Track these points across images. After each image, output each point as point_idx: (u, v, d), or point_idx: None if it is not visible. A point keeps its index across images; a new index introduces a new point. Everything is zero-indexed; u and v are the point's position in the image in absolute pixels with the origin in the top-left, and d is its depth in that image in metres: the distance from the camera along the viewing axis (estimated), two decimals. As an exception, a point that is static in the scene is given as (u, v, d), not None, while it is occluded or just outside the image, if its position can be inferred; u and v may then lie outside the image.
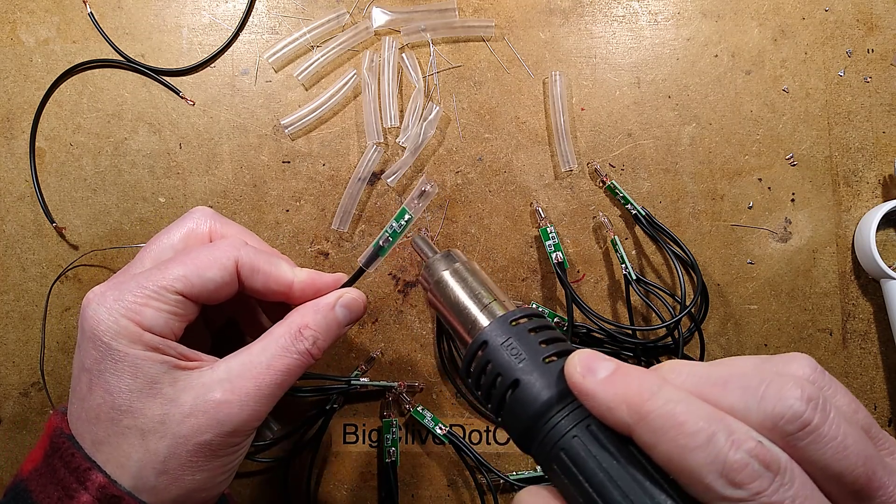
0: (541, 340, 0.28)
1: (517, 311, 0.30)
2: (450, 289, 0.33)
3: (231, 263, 0.35)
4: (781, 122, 0.55)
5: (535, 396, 0.26)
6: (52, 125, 0.55)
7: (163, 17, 0.55)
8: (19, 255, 0.55)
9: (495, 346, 0.28)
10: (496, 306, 0.31)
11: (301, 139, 0.55)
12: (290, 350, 0.35)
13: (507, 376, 0.27)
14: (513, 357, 0.27)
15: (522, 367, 0.27)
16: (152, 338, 0.33)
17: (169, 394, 0.32)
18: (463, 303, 0.32)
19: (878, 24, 0.55)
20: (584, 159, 0.55)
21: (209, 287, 0.35)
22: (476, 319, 0.31)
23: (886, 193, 0.55)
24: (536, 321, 0.29)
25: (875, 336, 0.55)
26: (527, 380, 0.27)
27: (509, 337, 0.28)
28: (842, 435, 0.22)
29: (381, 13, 0.54)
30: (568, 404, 0.26)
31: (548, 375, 0.27)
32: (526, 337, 0.28)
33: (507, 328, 0.29)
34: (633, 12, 0.55)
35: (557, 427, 0.26)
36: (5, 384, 0.55)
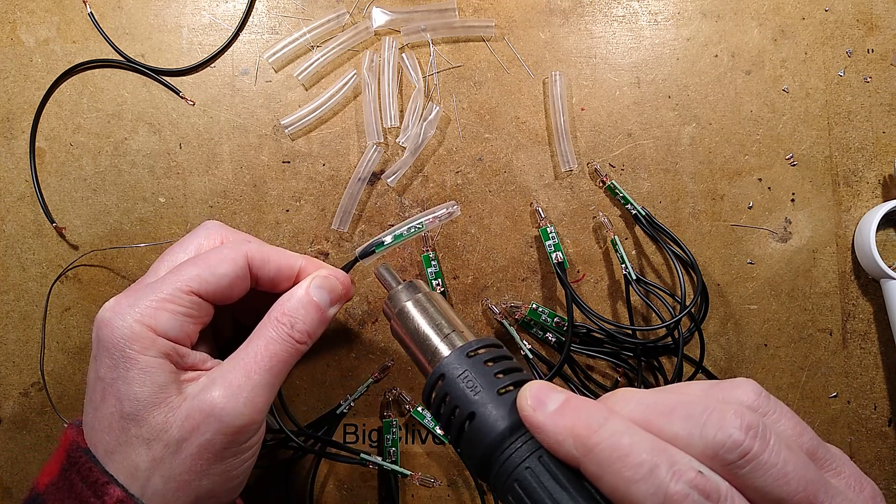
0: (497, 371, 0.28)
1: (474, 343, 0.30)
2: (411, 319, 0.33)
3: (241, 258, 0.36)
4: (781, 122, 0.55)
5: (490, 428, 0.27)
6: (52, 125, 0.55)
7: (163, 17, 0.55)
8: (19, 255, 0.55)
9: (452, 379, 0.29)
10: (455, 337, 0.32)
11: (301, 139, 0.55)
12: (272, 337, 0.35)
13: (464, 408, 0.28)
14: (468, 389, 0.28)
15: (478, 400, 0.27)
16: (165, 343, 0.33)
17: (173, 401, 0.33)
18: (424, 333, 0.32)
19: (878, 24, 0.55)
20: (584, 159, 0.55)
21: (223, 283, 0.35)
22: (436, 350, 0.31)
23: (886, 193, 0.55)
24: (494, 352, 0.30)
25: (875, 336, 0.55)
26: (482, 412, 0.27)
27: (466, 369, 0.29)
28: (782, 462, 0.23)
29: (381, 13, 0.54)
30: (521, 435, 0.26)
31: (502, 407, 0.27)
32: (482, 368, 0.29)
33: (463, 360, 0.29)
34: (633, 12, 0.55)
35: (511, 458, 0.26)
36: (5, 384, 0.55)
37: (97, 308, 0.54)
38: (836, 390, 0.55)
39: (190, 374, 0.34)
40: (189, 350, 0.35)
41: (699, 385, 0.26)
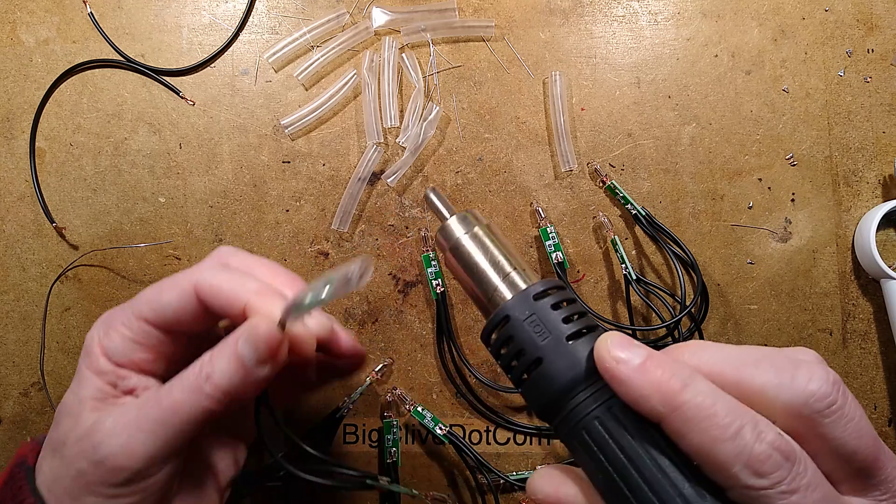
0: (564, 317, 0.28)
1: (540, 284, 0.29)
2: (469, 255, 0.31)
3: (188, 285, 0.32)
4: (781, 122, 0.55)
5: (559, 376, 0.26)
6: (52, 125, 0.55)
7: (163, 17, 0.55)
8: (19, 255, 0.55)
9: (518, 322, 0.28)
10: (517, 276, 0.30)
11: (301, 139, 0.55)
12: (184, 386, 0.30)
13: (531, 353, 0.27)
14: (536, 334, 0.27)
15: (545, 345, 0.27)
16: (104, 363, 0.32)
17: (83, 416, 0.31)
18: (483, 271, 0.30)
19: (878, 24, 0.55)
20: (584, 159, 0.55)
21: (167, 311, 0.32)
22: (497, 290, 0.30)
23: (886, 193, 0.55)
24: (560, 295, 0.29)
25: (875, 336, 0.55)
26: (550, 359, 0.27)
27: (532, 313, 0.28)
28: (858, 416, 0.24)
29: (381, 13, 0.54)
30: (591, 384, 0.26)
31: (571, 355, 0.27)
32: (549, 313, 0.28)
33: (529, 303, 0.28)
34: (633, 12, 0.55)
35: (580, 406, 0.26)
36: (5, 384, 0.55)
37: (97, 308, 0.55)
38: (836, 390, 0.55)
39: (123, 398, 0.32)
40: (132, 374, 0.33)
41: (762, 348, 0.27)
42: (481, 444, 0.54)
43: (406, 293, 0.55)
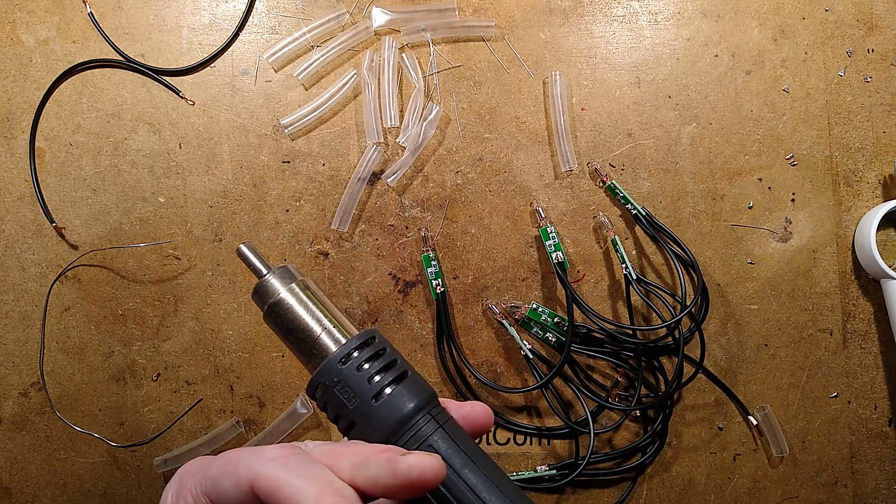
0: (371, 375, 0.29)
1: (346, 346, 0.30)
2: (283, 314, 0.32)
3: (245, 479, 0.29)
4: (781, 122, 0.55)
5: (368, 437, 0.29)
6: (52, 125, 0.55)
7: (163, 17, 0.55)
8: (19, 255, 0.55)
9: (329, 389, 0.29)
10: (328, 336, 0.31)
11: (301, 139, 0.55)
12: None
13: (344, 417, 0.29)
14: (345, 399, 0.29)
15: (354, 410, 0.29)
16: None
17: None
18: (298, 332, 0.31)
19: (878, 24, 0.55)
20: (584, 159, 0.55)
21: (224, 500, 0.30)
22: (311, 351, 0.31)
23: (886, 193, 0.55)
24: (367, 351, 0.30)
25: (875, 336, 0.55)
26: (360, 423, 0.29)
27: (340, 379, 0.30)
28: None
29: (381, 13, 0.54)
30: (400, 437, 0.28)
31: (378, 414, 0.29)
32: (355, 376, 0.29)
33: (336, 369, 0.30)
34: (633, 12, 0.55)
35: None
36: (5, 384, 0.55)
37: (97, 308, 0.55)
38: (837, 390, 0.55)
39: None
40: None
41: None
42: (481, 444, 0.54)
43: (406, 293, 0.55)
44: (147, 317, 0.55)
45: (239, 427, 0.54)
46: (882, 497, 0.55)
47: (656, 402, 0.53)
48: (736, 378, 0.55)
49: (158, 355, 0.55)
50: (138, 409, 0.55)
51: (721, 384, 0.54)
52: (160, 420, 0.55)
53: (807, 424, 0.55)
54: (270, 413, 0.55)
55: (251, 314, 0.55)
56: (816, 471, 0.55)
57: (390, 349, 0.31)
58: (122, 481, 0.55)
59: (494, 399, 0.55)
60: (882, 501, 0.55)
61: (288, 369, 0.55)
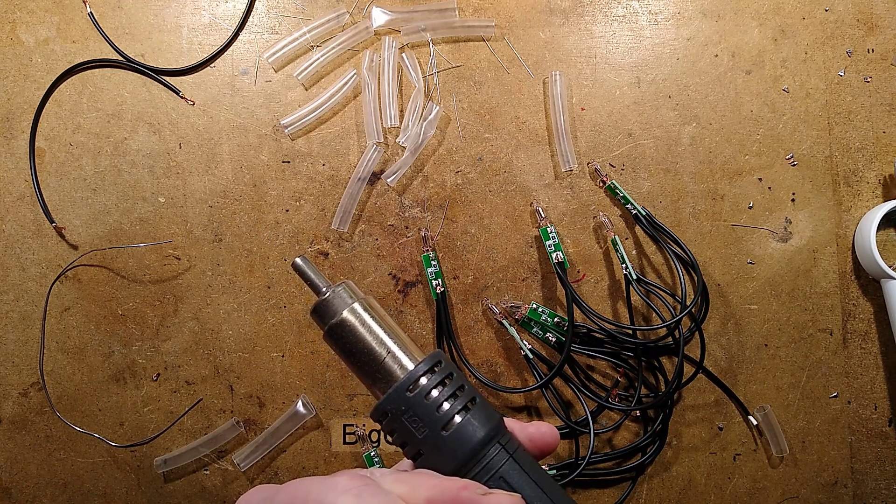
0: (439, 403, 0.29)
1: (413, 373, 0.29)
2: (348, 336, 0.30)
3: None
4: (781, 122, 0.55)
5: (437, 468, 0.28)
6: (51, 125, 0.55)
7: (163, 17, 0.55)
8: (19, 255, 0.55)
9: (396, 417, 0.29)
10: (394, 360, 0.30)
11: (301, 139, 0.55)
12: None
13: (412, 446, 0.29)
14: (413, 428, 0.28)
15: (422, 440, 0.28)
16: None
17: None
18: (362, 356, 0.30)
19: (878, 24, 0.55)
20: (584, 159, 0.55)
21: None
22: (376, 375, 0.30)
23: (886, 193, 0.55)
24: (435, 377, 0.29)
25: (875, 336, 0.55)
26: (427, 453, 0.28)
27: (408, 408, 0.29)
28: None
29: (381, 13, 0.54)
30: (469, 470, 0.28)
31: (447, 446, 0.28)
32: (423, 405, 0.29)
33: (403, 398, 0.29)
34: (633, 12, 0.55)
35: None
36: (5, 384, 0.55)
37: (97, 308, 0.55)
38: (837, 390, 0.55)
39: None
40: None
41: None
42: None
43: (406, 293, 0.55)
44: (147, 317, 0.55)
45: (239, 427, 0.54)
46: (882, 497, 0.55)
47: (656, 402, 0.53)
48: (736, 378, 0.55)
49: (158, 355, 0.55)
50: (138, 409, 0.55)
51: (721, 384, 0.54)
52: (160, 420, 0.55)
53: (807, 424, 0.55)
54: (270, 413, 0.55)
55: (251, 314, 0.55)
56: (816, 471, 0.55)
57: (457, 373, 0.30)
58: (122, 481, 0.55)
59: (494, 399, 0.55)
60: (882, 501, 0.55)
61: (288, 369, 0.55)
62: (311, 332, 0.55)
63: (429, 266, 0.53)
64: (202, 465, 0.55)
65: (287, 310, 0.55)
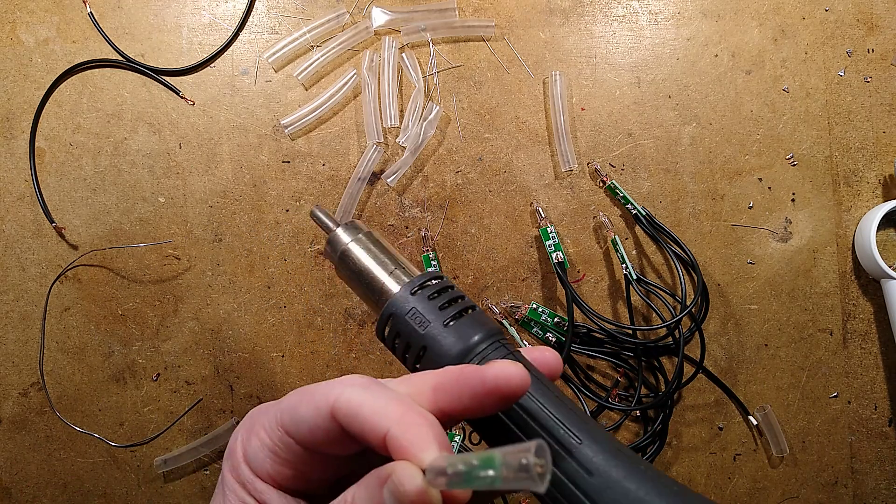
0: (440, 305, 0.30)
1: (417, 279, 0.32)
2: (354, 261, 0.34)
3: (324, 406, 0.28)
4: (781, 122, 0.55)
5: (440, 359, 0.29)
6: (51, 125, 0.55)
7: (163, 17, 0.55)
8: (19, 255, 0.55)
9: (401, 317, 0.30)
10: (398, 274, 0.33)
11: (301, 139, 0.55)
12: None
13: (415, 344, 0.30)
14: (417, 326, 0.30)
15: (426, 334, 0.30)
16: (245, 471, 0.30)
17: None
18: (368, 274, 0.33)
19: (878, 24, 0.55)
20: (584, 159, 0.55)
21: (302, 428, 0.29)
22: (382, 289, 0.33)
23: (886, 193, 0.55)
24: (437, 285, 0.31)
25: (875, 336, 0.55)
26: (432, 345, 0.30)
27: (412, 307, 0.31)
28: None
29: (381, 13, 0.54)
30: (472, 358, 0.29)
31: (449, 337, 0.30)
32: (427, 304, 0.31)
33: (409, 298, 0.31)
34: (633, 12, 0.55)
35: None
36: (5, 384, 0.55)
37: (97, 308, 0.55)
38: (837, 390, 0.55)
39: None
40: (271, 490, 0.30)
41: None
42: (481, 444, 0.54)
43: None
44: (147, 317, 0.55)
45: (239, 427, 0.54)
46: (882, 497, 0.55)
47: (656, 402, 0.53)
48: (736, 378, 0.55)
49: (158, 355, 0.55)
50: (138, 409, 0.55)
51: (721, 384, 0.54)
52: (160, 420, 0.55)
53: (807, 424, 0.55)
54: (270, 413, 0.54)
55: (251, 314, 0.55)
56: (816, 471, 0.55)
57: (456, 287, 0.32)
58: (122, 481, 0.55)
59: (494, 399, 0.55)
60: (882, 501, 0.55)
61: (288, 369, 0.55)
62: (310, 332, 0.55)
63: (429, 266, 0.53)
64: (202, 465, 0.55)
65: (287, 310, 0.55)
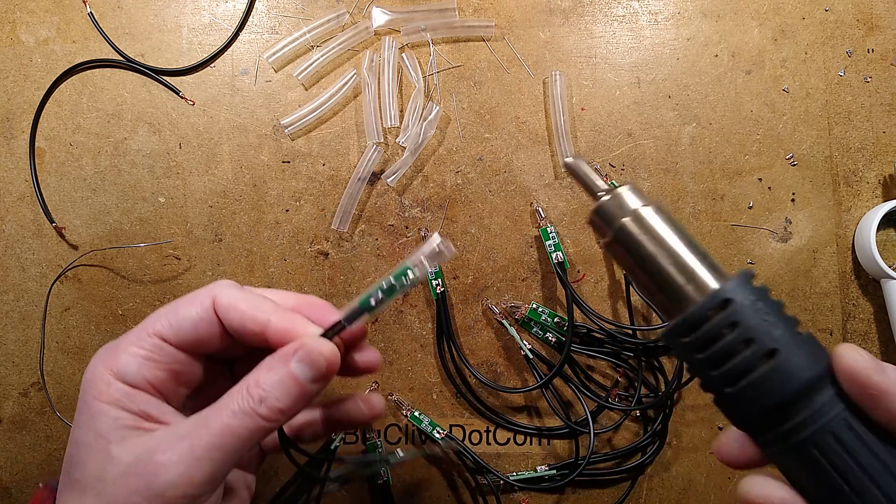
0: (782, 310, 0.24)
1: (748, 272, 0.25)
2: (655, 231, 0.26)
3: (207, 300, 0.32)
4: (781, 122, 0.55)
5: (800, 371, 0.23)
6: (52, 125, 0.55)
7: (163, 17, 0.55)
8: (19, 255, 0.55)
9: (745, 306, 0.23)
10: (712, 262, 0.26)
11: (301, 139, 0.55)
12: (234, 410, 0.30)
13: (762, 343, 0.23)
14: (766, 322, 0.23)
15: (780, 337, 0.23)
16: (119, 388, 0.31)
17: (112, 451, 0.30)
18: (677, 250, 0.25)
19: (878, 24, 0.55)
20: (584, 159, 0.55)
21: (185, 325, 0.32)
22: (699, 272, 0.25)
23: (886, 193, 0.55)
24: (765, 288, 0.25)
25: (875, 336, 0.55)
26: (786, 351, 0.23)
27: (758, 299, 0.24)
28: None
29: (381, 13, 0.54)
30: (823, 393, 0.23)
31: (807, 351, 0.23)
32: (772, 303, 0.24)
33: (751, 288, 0.24)
34: (633, 12, 0.55)
35: (825, 408, 0.23)
36: (5, 384, 0.55)
37: (97, 308, 0.55)
38: (837, 390, 0.55)
39: (146, 424, 0.32)
40: (150, 398, 0.32)
41: None
42: (481, 444, 0.54)
43: (406, 293, 0.55)
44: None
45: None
46: (882, 497, 0.55)
47: (656, 402, 0.53)
48: (736, 378, 0.55)
49: (158, 355, 0.55)
50: (138, 409, 0.55)
51: (721, 384, 0.54)
52: (160, 420, 0.55)
53: (807, 424, 0.55)
54: (270, 413, 0.54)
55: (251, 314, 0.55)
56: (816, 471, 0.55)
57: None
58: (122, 481, 0.55)
59: (495, 399, 0.55)
60: (882, 501, 0.55)
61: (288, 369, 0.55)
62: (311, 332, 0.55)
63: (429, 266, 0.53)
64: (202, 465, 0.55)
65: (287, 310, 0.55)
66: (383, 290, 0.31)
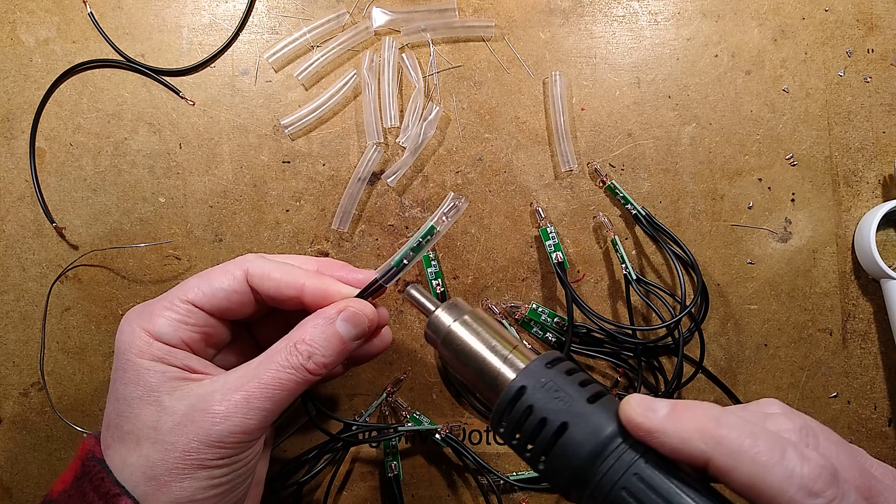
0: (579, 381, 0.27)
1: (548, 354, 0.29)
2: (464, 342, 0.32)
3: (240, 272, 0.36)
4: (781, 122, 0.55)
5: (587, 438, 0.26)
6: (52, 125, 0.55)
7: (163, 17, 0.55)
8: (19, 255, 0.55)
9: (536, 389, 0.27)
10: (517, 354, 0.30)
11: (301, 139, 0.55)
12: (284, 364, 0.34)
13: (554, 420, 0.26)
14: (556, 399, 0.27)
15: (568, 409, 0.26)
16: (161, 347, 0.34)
17: (164, 402, 0.33)
18: (482, 354, 0.31)
19: (878, 24, 0.55)
20: (584, 159, 0.55)
21: (218, 295, 0.36)
22: (501, 369, 0.30)
23: (886, 193, 0.55)
24: (567, 364, 0.29)
25: (875, 336, 0.55)
26: (576, 422, 0.26)
27: (549, 380, 0.27)
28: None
29: (381, 13, 0.54)
30: (619, 445, 0.26)
31: (596, 416, 0.26)
32: (564, 379, 0.27)
33: (543, 371, 0.28)
34: (633, 12, 0.55)
35: (614, 467, 0.25)
36: (5, 384, 0.55)
37: (97, 308, 0.55)
38: (836, 390, 0.55)
39: (192, 375, 0.35)
40: (189, 354, 0.36)
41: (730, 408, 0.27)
42: (481, 444, 0.54)
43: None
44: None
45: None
46: (882, 497, 0.55)
47: (656, 402, 0.53)
48: (736, 378, 0.55)
49: (158, 355, 0.55)
50: (138, 409, 0.55)
51: (721, 384, 0.54)
52: (160, 420, 0.55)
53: (806, 424, 0.55)
54: (270, 413, 0.55)
55: (251, 314, 0.55)
56: (816, 471, 0.55)
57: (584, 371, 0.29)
58: (123, 481, 0.55)
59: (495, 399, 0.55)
60: (882, 501, 0.55)
61: (288, 369, 0.55)
62: (311, 332, 0.55)
63: (429, 266, 0.53)
64: (202, 465, 0.55)
65: (287, 310, 0.55)
66: (413, 248, 0.37)
